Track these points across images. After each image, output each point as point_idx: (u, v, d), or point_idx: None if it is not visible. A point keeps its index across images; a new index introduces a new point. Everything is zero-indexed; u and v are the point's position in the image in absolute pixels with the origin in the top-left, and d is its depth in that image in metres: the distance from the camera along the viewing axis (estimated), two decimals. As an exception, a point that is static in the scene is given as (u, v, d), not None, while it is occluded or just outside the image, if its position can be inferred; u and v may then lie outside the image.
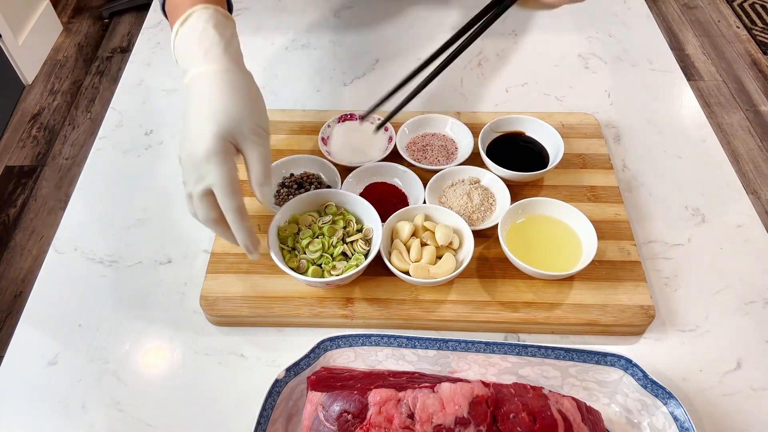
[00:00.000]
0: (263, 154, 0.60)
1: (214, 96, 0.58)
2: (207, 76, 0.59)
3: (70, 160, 2.07)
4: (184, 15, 0.61)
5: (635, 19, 1.04)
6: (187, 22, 0.61)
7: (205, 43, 0.60)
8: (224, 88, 0.58)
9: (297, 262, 0.66)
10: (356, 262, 0.65)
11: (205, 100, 0.58)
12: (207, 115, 0.57)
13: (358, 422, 0.50)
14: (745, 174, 1.96)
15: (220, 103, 0.58)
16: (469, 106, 0.90)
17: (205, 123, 0.57)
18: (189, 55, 0.60)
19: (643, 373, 0.55)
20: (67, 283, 0.71)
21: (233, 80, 0.59)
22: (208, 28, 0.60)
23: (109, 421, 0.60)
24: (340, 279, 0.64)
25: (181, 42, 0.61)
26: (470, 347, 0.58)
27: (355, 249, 0.67)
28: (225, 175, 0.57)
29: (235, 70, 0.60)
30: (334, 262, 0.66)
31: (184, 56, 0.61)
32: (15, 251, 1.81)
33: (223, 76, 0.59)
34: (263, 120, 0.61)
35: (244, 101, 0.59)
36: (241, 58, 0.63)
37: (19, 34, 2.27)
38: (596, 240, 0.66)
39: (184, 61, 0.61)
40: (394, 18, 1.05)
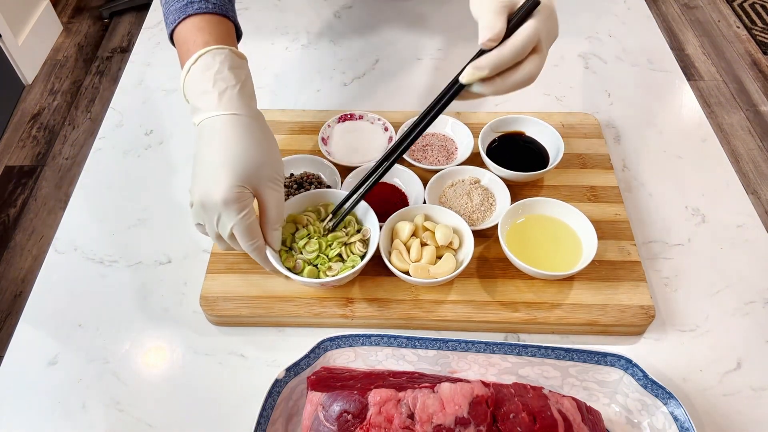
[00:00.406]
0: (278, 200, 0.61)
1: (230, 143, 0.58)
2: (223, 121, 0.58)
3: (70, 160, 2.07)
4: (198, 53, 0.60)
5: (635, 19, 1.04)
6: (200, 60, 0.60)
7: (221, 86, 0.59)
8: (241, 135, 0.58)
9: (293, 261, 0.66)
10: (352, 264, 0.65)
11: (221, 147, 0.58)
12: (224, 162, 0.57)
13: (358, 422, 0.50)
14: (745, 174, 1.96)
15: (238, 150, 0.57)
16: (469, 106, 0.90)
17: (223, 171, 0.57)
18: (202, 96, 0.59)
19: (643, 373, 0.55)
20: (67, 283, 0.71)
21: (250, 126, 0.59)
22: (224, 69, 0.60)
23: (109, 421, 0.60)
24: (336, 280, 0.63)
25: (193, 81, 0.60)
26: (470, 347, 0.58)
27: (353, 251, 0.67)
28: (244, 221, 0.58)
29: (251, 116, 0.60)
30: (330, 263, 0.66)
31: (197, 97, 0.60)
32: (15, 251, 1.81)
33: (240, 122, 0.58)
34: (279, 165, 0.62)
35: (260, 148, 0.59)
36: (254, 100, 0.63)
37: (19, 34, 2.27)
38: (596, 240, 0.66)
39: (196, 101, 0.60)
40: (394, 18, 1.05)
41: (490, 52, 0.54)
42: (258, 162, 0.58)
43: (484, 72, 0.54)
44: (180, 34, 0.63)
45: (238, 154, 0.57)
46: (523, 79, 0.55)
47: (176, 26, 0.63)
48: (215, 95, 0.59)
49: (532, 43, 0.54)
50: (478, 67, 0.54)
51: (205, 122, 0.59)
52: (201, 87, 0.59)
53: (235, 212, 0.57)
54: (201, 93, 0.59)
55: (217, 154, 0.58)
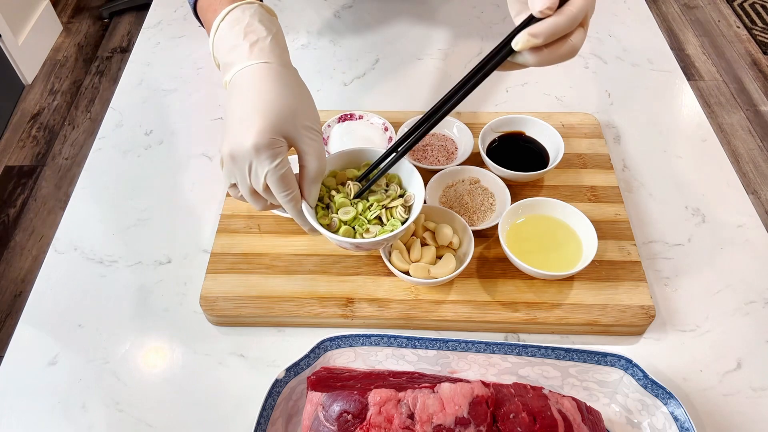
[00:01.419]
0: (318, 151, 0.57)
1: (263, 90, 0.55)
2: (255, 70, 0.56)
3: (70, 160, 2.07)
4: (227, 9, 0.58)
5: (635, 19, 1.04)
6: (229, 16, 0.58)
7: (252, 37, 0.57)
8: (275, 83, 0.55)
9: (329, 219, 0.62)
10: (392, 228, 0.61)
11: (253, 95, 0.55)
12: (256, 109, 0.54)
13: (358, 422, 0.50)
14: (745, 174, 1.96)
15: (271, 97, 0.55)
16: (469, 106, 0.90)
17: (255, 117, 0.54)
18: (233, 50, 0.57)
19: (644, 373, 0.55)
20: (67, 283, 0.71)
21: (283, 74, 0.56)
22: (254, 22, 0.58)
23: (108, 421, 0.60)
24: (371, 242, 0.60)
25: (222, 37, 0.58)
26: (470, 347, 0.58)
27: (393, 215, 0.62)
28: (278, 170, 0.54)
29: (284, 65, 0.57)
30: (369, 224, 0.62)
31: (227, 52, 0.58)
32: (15, 251, 1.81)
33: (274, 70, 0.56)
34: (315, 116, 0.58)
35: (294, 96, 0.56)
36: (287, 53, 0.60)
37: (19, 34, 2.27)
38: (596, 240, 0.66)
39: (227, 56, 0.58)
40: (394, 18, 1.05)
41: (545, 20, 0.52)
42: (292, 109, 0.55)
43: (539, 40, 0.52)
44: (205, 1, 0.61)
45: (270, 101, 0.54)
46: (569, 51, 0.53)
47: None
48: (246, 47, 0.56)
49: (584, 13, 0.53)
50: (534, 34, 0.51)
51: (236, 75, 0.57)
52: (231, 42, 0.57)
53: (268, 159, 0.54)
54: (231, 48, 0.57)
55: (248, 102, 0.55)
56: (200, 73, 0.97)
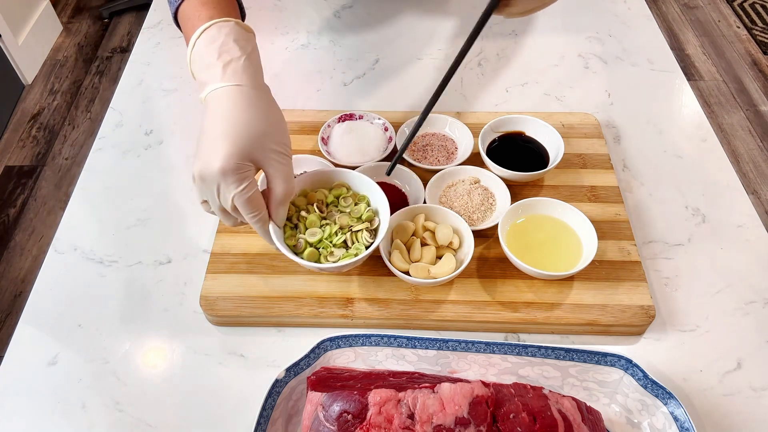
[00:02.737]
0: (285, 173, 0.59)
1: (233, 115, 0.56)
2: (225, 92, 0.57)
3: (70, 160, 2.07)
4: (203, 27, 0.59)
5: (635, 19, 1.04)
6: (205, 34, 0.59)
7: (225, 57, 0.58)
8: (245, 107, 0.57)
9: (296, 240, 0.64)
10: (356, 252, 0.63)
11: (222, 118, 0.56)
12: (224, 133, 0.56)
13: (358, 422, 0.50)
14: (745, 174, 1.96)
15: (239, 121, 0.56)
16: (469, 106, 0.90)
17: (222, 141, 0.55)
18: (207, 69, 0.58)
19: (644, 373, 0.55)
20: (67, 283, 0.71)
21: (253, 97, 0.58)
22: (229, 41, 0.59)
23: (108, 421, 0.60)
24: (335, 267, 0.62)
25: (198, 55, 0.59)
26: (470, 347, 0.58)
27: (358, 239, 0.64)
28: (244, 193, 0.56)
29: (255, 86, 0.58)
30: (333, 248, 0.64)
31: (202, 70, 0.59)
32: (15, 251, 1.81)
33: (244, 93, 0.57)
34: (284, 137, 0.60)
35: (263, 119, 0.57)
36: (261, 73, 0.61)
37: (19, 34, 2.27)
38: (596, 240, 0.66)
39: (202, 74, 0.59)
40: (394, 18, 1.05)
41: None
42: (260, 133, 0.57)
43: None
44: (184, 11, 0.62)
45: (238, 125, 0.56)
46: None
47: (180, 5, 0.62)
48: (220, 67, 0.57)
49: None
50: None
51: (210, 95, 0.58)
52: (206, 60, 0.58)
53: (234, 184, 0.55)
54: (206, 66, 0.58)
55: (217, 125, 0.56)
56: (200, 73, 0.96)
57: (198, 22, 0.60)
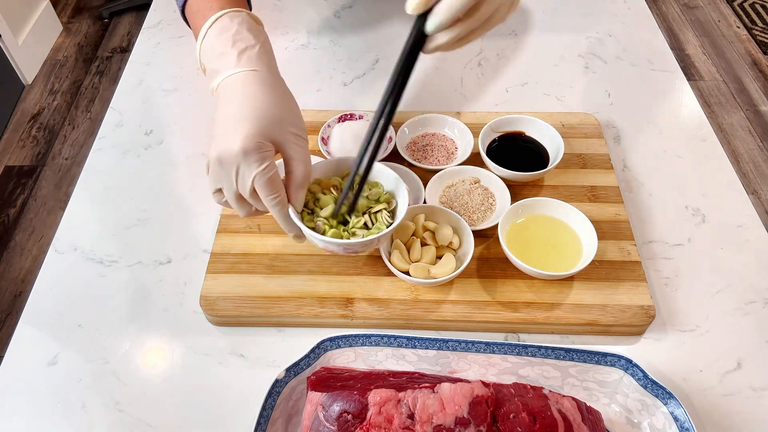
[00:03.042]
0: (304, 156, 0.58)
1: (251, 97, 0.56)
2: (244, 77, 0.57)
3: (70, 160, 2.07)
4: (215, 16, 0.59)
5: (635, 19, 1.04)
6: (218, 23, 0.59)
7: (240, 45, 0.58)
8: (263, 90, 0.56)
9: (314, 224, 0.63)
10: (378, 230, 0.62)
11: (241, 101, 0.56)
12: (244, 115, 0.55)
13: (358, 422, 0.50)
14: (745, 174, 1.96)
15: (258, 104, 0.55)
16: (469, 106, 0.90)
17: (243, 123, 0.54)
18: (221, 58, 0.58)
19: (644, 373, 0.55)
20: (67, 283, 0.71)
21: (270, 82, 0.57)
22: (242, 30, 0.58)
23: (108, 421, 0.60)
24: (360, 243, 0.60)
25: (210, 44, 0.59)
26: (470, 347, 0.58)
27: (378, 219, 0.63)
28: (266, 173, 0.55)
29: (272, 73, 0.58)
30: (355, 229, 0.63)
31: (214, 58, 0.58)
32: (15, 251, 1.81)
33: (262, 78, 0.57)
34: (301, 122, 0.59)
35: (281, 103, 0.57)
36: (275, 63, 0.61)
37: (19, 34, 2.27)
38: (596, 240, 0.66)
39: (214, 62, 0.58)
40: (393, 18, 1.05)
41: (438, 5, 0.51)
42: (279, 116, 0.56)
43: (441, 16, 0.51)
44: (192, 5, 0.62)
45: (258, 107, 0.55)
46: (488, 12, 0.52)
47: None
48: (234, 55, 0.57)
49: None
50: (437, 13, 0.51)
51: (224, 82, 0.57)
52: (219, 49, 0.58)
53: (255, 163, 0.54)
54: (219, 55, 0.58)
55: (236, 108, 0.55)
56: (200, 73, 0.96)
57: (209, 13, 0.60)
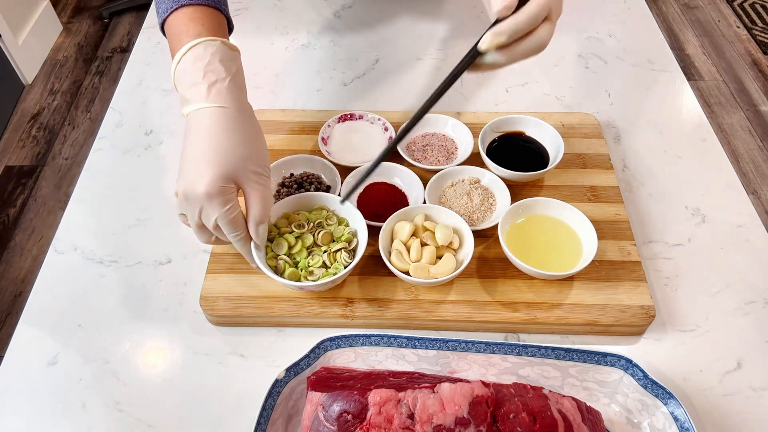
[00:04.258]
0: (264, 195, 0.61)
1: (216, 136, 0.58)
2: (210, 114, 0.58)
3: (70, 160, 2.07)
4: (190, 44, 0.60)
5: (635, 19, 1.04)
6: (192, 52, 0.60)
7: (210, 77, 0.59)
8: (227, 129, 0.58)
9: (276, 261, 0.66)
10: (335, 271, 0.64)
11: (206, 140, 0.58)
12: (209, 156, 0.57)
13: (358, 422, 0.50)
14: (745, 174, 1.96)
15: (223, 144, 0.58)
16: (469, 106, 0.90)
17: (207, 165, 0.57)
18: (192, 88, 0.59)
19: (644, 373, 0.55)
20: (67, 283, 0.71)
21: (236, 120, 0.59)
22: (214, 61, 0.60)
23: (108, 421, 0.60)
24: (315, 285, 0.63)
25: (183, 71, 0.60)
26: (470, 347, 0.58)
27: (336, 258, 0.66)
28: (228, 215, 0.58)
29: (239, 109, 0.60)
30: (312, 268, 0.65)
31: (186, 87, 0.60)
32: (15, 251, 1.81)
33: (227, 115, 0.59)
34: (264, 160, 0.62)
35: (245, 142, 0.59)
36: (244, 92, 0.63)
37: (19, 34, 2.27)
38: (596, 240, 0.66)
39: (186, 91, 0.60)
40: (394, 18, 1.05)
41: (506, 19, 0.55)
42: (242, 156, 0.59)
43: (502, 38, 0.55)
44: (172, 24, 0.63)
45: (222, 149, 0.58)
46: (536, 45, 0.57)
47: (168, 16, 0.63)
48: (204, 87, 0.59)
49: (545, 11, 0.56)
50: (497, 33, 0.55)
51: (193, 114, 0.59)
52: (191, 78, 0.60)
53: (218, 206, 0.58)
54: (191, 84, 0.60)
55: (202, 147, 0.58)
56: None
57: (185, 38, 0.61)
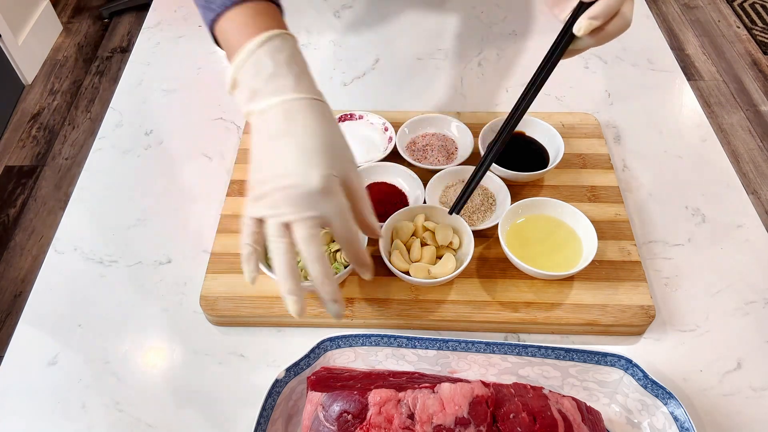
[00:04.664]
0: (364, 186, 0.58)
1: (321, 128, 0.54)
2: (305, 105, 0.55)
3: (70, 160, 2.07)
4: (266, 35, 0.56)
5: (635, 19, 1.03)
6: (269, 43, 0.56)
7: (295, 69, 0.56)
8: (328, 120, 0.56)
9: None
10: (335, 272, 0.64)
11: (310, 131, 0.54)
12: (318, 148, 0.53)
13: (358, 422, 0.50)
14: (745, 174, 1.96)
15: (329, 136, 0.55)
16: (469, 106, 0.90)
17: (318, 156, 0.53)
18: (273, 79, 0.55)
19: (644, 373, 0.55)
20: (67, 283, 0.71)
21: (330, 112, 0.57)
22: (296, 54, 0.57)
23: (108, 421, 0.60)
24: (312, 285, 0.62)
25: (259, 64, 0.56)
26: (470, 347, 0.58)
27: (337, 259, 0.66)
28: (344, 206, 0.54)
29: (327, 103, 0.57)
30: None
31: (264, 79, 0.56)
32: (15, 251, 1.81)
33: (323, 107, 0.56)
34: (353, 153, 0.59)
35: (341, 134, 0.57)
36: None
37: (19, 34, 2.27)
38: (596, 240, 0.66)
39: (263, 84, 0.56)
40: (394, 18, 1.05)
41: (597, 2, 0.56)
42: (346, 147, 0.56)
43: (598, 21, 0.56)
44: (236, 17, 0.59)
45: (329, 140, 0.54)
46: (624, 23, 0.58)
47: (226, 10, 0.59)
48: (291, 79, 0.55)
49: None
50: (594, 17, 0.56)
51: (281, 106, 0.55)
52: (270, 70, 0.56)
53: (334, 197, 0.53)
54: (270, 76, 0.55)
55: (307, 138, 0.53)
56: (200, 73, 0.97)
57: (254, 31, 0.57)
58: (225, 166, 0.82)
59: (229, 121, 0.88)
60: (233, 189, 0.77)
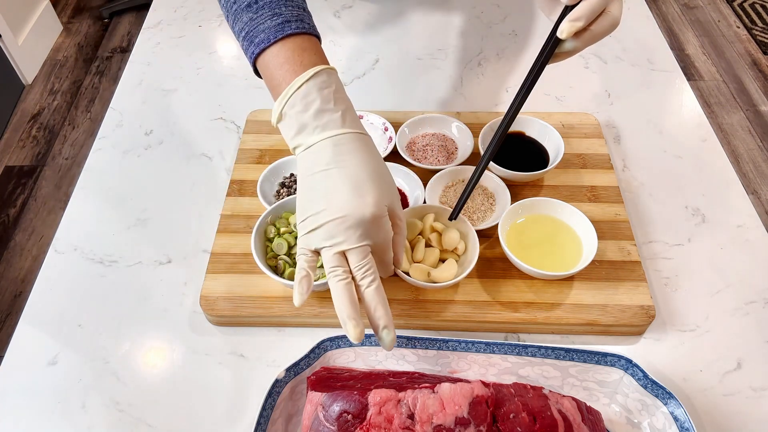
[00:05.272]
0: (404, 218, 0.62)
1: (371, 161, 0.57)
2: (354, 139, 0.57)
3: (70, 160, 2.07)
4: (315, 70, 0.58)
5: (635, 19, 1.04)
6: (316, 78, 0.58)
7: (341, 105, 0.58)
8: (376, 155, 0.59)
9: (276, 261, 0.66)
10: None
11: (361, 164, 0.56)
12: (371, 181, 0.56)
13: (358, 422, 0.50)
14: (745, 174, 1.96)
15: (376, 169, 0.57)
16: (469, 106, 0.90)
17: (372, 188, 0.56)
18: (321, 114, 0.57)
19: (644, 373, 0.55)
20: (67, 283, 0.71)
21: (374, 146, 0.60)
22: (341, 89, 0.59)
23: (108, 421, 0.60)
24: (315, 285, 0.62)
25: (307, 98, 0.58)
26: (470, 347, 0.58)
27: None
28: (390, 235, 0.58)
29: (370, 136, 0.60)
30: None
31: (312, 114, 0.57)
32: (15, 251, 1.81)
33: (369, 141, 0.59)
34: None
35: (387, 167, 0.60)
36: None
37: (19, 34, 2.27)
38: (596, 240, 0.66)
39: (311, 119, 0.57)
40: (394, 18, 1.05)
41: (579, 4, 0.55)
42: (390, 178, 0.59)
43: (580, 23, 0.55)
44: (280, 52, 0.60)
45: (377, 173, 0.57)
46: (611, 23, 0.57)
47: (272, 44, 0.60)
48: (338, 114, 0.58)
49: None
50: (575, 19, 0.55)
51: (330, 140, 0.57)
52: (318, 106, 0.58)
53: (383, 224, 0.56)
54: (318, 112, 0.57)
55: (359, 171, 0.56)
56: (200, 73, 0.97)
57: (300, 67, 0.59)
58: (225, 166, 0.82)
59: (229, 121, 0.88)
60: (233, 189, 0.77)
